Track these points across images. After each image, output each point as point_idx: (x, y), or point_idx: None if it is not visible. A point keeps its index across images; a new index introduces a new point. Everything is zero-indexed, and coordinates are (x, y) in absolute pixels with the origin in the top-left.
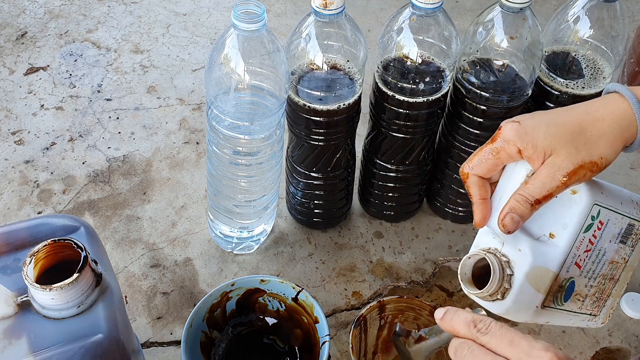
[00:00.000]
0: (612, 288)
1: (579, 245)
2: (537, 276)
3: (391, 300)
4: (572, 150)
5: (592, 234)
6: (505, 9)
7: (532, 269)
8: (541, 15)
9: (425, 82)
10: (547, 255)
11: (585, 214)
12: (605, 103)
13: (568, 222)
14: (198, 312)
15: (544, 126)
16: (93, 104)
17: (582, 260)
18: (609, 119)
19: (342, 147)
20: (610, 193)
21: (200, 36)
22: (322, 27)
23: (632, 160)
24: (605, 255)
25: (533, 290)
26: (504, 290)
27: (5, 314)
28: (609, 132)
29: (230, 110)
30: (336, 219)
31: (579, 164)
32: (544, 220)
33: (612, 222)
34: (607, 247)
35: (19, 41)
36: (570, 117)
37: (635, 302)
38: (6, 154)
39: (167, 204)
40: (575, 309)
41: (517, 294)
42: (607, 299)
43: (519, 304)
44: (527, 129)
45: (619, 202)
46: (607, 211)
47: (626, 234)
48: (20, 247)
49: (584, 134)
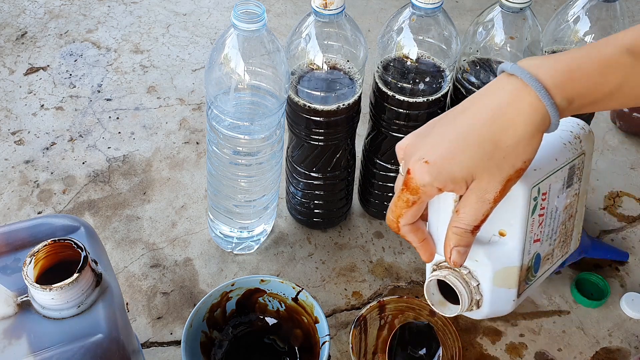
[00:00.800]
0: (573, 222)
1: (531, 228)
2: (504, 277)
3: (391, 300)
4: (493, 170)
5: (539, 211)
6: (505, 9)
7: (495, 274)
8: (541, 15)
9: (425, 82)
10: (504, 255)
11: (527, 202)
12: (511, 99)
13: (513, 219)
14: (198, 312)
15: (455, 157)
16: (93, 104)
17: (540, 234)
18: (521, 122)
19: (342, 147)
20: (541, 161)
21: (200, 36)
22: (322, 27)
23: (632, 161)
24: (558, 210)
25: (504, 289)
26: (477, 301)
27: (5, 314)
28: (524, 135)
29: (230, 110)
30: (336, 219)
31: (506, 179)
32: (488, 222)
33: (554, 183)
34: (558, 203)
35: (19, 41)
36: (478, 134)
37: (635, 302)
38: (6, 154)
39: (167, 204)
40: (547, 266)
41: (490, 299)
42: (572, 232)
43: (496, 306)
44: (439, 167)
45: (553, 162)
46: (545, 181)
47: (570, 178)
48: (20, 247)
49: (499, 148)
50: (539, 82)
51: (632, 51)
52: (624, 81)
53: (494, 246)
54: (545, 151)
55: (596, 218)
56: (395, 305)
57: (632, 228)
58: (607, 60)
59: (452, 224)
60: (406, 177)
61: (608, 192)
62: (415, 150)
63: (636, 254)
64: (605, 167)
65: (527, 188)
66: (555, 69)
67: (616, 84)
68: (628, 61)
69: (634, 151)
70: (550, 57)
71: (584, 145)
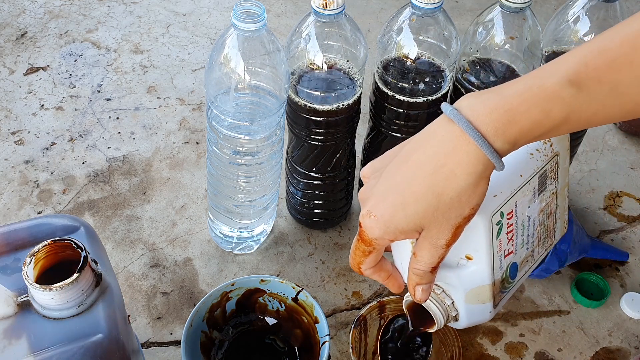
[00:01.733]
0: (555, 217)
1: (498, 249)
2: (476, 295)
3: (391, 300)
4: (440, 220)
5: (506, 229)
6: (505, 9)
7: (467, 293)
8: (541, 15)
9: (425, 82)
10: (474, 276)
11: (488, 229)
12: (450, 147)
13: (477, 245)
14: (198, 312)
15: (400, 210)
16: (93, 104)
17: (511, 247)
18: (461, 173)
19: (342, 147)
20: (503, 184)
21: (200, 36)
22: (322, 27)
23: (632, 161)
24: (531, 218)
25: (479, 304)
26: (454, 317)
27: (5, 314)
28: (467, 186)
29: (230, 110)
30: (336, 219)
31: (455, 227)
32: (454, 248)
33: (521, 198)
34: (530, 212)
35: (19, 41)
36: (421, 186)
37: (635, 302)
38: (6, 154)
39: (167, 204)
40: (528, 266)
41: (466, 314)
42: (555, 224)
43: (473, 319)
44: (386, 222)
45: (517, 180)
46: (509, 202)
47: (542, 184)
48: (20, 247)
49: (442, 201)
50: (476, 131)
51: (574, 82)
52: (569, 113)
53: (463, 269)
54: (507, 172)
55: (596, 218)
56: (395, 305)
57: (632, 228)
58: (549, 95)
59: (411, 266)
60: (359, 229)
61: (608, 192)
62: (366, 199)
63: (636, 254)
64: (605, 167)
65: (487, 217)
66: (494, 111)
67: (561, 117)
68: (571, 93)
69: (634, 151)
70: (490, 95)
71: (557, 146)
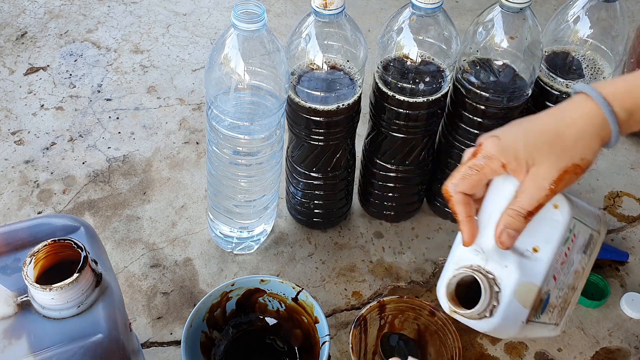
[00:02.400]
0: (572, 297)
1: (558, 258)
2: (524, 291)
3: (391, 300)
4: (553, 158)
5: (567, 247)
6: (505, 9)
7: (519, 285)
8: (541, 15)
9: (425, 82)
10: (532, 270)
11: (566, 228)
12: (576, 106)
13: (550, 237)
14: (198, 312)
15: (522, 138)
16: (93, 104)
17: (558, 273)
18: (581, 122)
19: (342, 147)
20: (580, 206)
21: (200, 36)
22: (322, 27)
23: (632, 161)
24: (572, 265)
25: (520, 305)
26: (492, 308)
27: (5, 314)
28: (584, 134)
29: (230, 110)
30: (336, 219)
31: (563, 170)
32: (526, 235)
33: (581, 234)
34: (575, 258)
35: (19, 41)
36: (545, 125)
37: (635, 302)
38: (6, 154)
39: (167, 204)
40: (546, 320)
41: (504, 310)
42: (567, 308)
43: (506, 321)
44: (507, 143)
45: (585, 215)
46: (580, 224)
47: (587, 245)
48: (20, 247)
49: (561, 139)
50: (599, 93)
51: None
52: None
53: (526, 259)
54: (581, 202)
55: None
56: (395, 305)
57: (632, 228)
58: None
59: (509, 207)
60: (477, 147)
61: (608, 192)
62: (490, 132)
63: (636, 254)
64: (605, 167)
65: (571, 214)
66: (616, 86)
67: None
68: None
69: (634, 151)
70: (614, 79)
71: (600, 228)
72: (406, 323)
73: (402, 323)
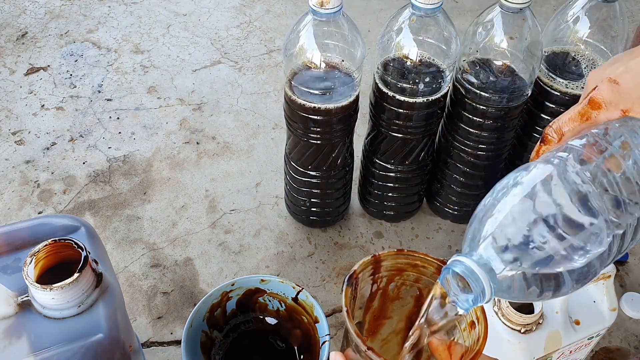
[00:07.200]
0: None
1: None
2: (552, 339)
3: (388, 255)
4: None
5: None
6: (505, 9)
7: (549, 333)
8: (541, 15)
9: (425, 82)
10: (567, 334)
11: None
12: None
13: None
14: (198, 311)
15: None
16: (93, 104)
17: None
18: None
19: (340, 146)
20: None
21: (201, 36)
22: (320, 26)
23: None
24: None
25: (543, 343)
26: (536, 325)
27: (6, 313)
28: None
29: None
30: (333, 217)
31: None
32: (575, 307)
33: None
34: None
35: (19, 41)
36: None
37: (635, 302)
38: (7, 154)
39: (168, 204)
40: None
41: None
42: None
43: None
44: (629, 89)
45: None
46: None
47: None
48: (20, 247)
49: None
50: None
51: None
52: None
53: (568, 325)
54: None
55: None
56: (392, 262)
57: None
58: None
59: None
60: (592, 91)
61: None
62: (603, 71)
63: (636, 254)
64: None
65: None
66: None
67: None
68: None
69: None
70: None
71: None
72: (403, 289)
73: (398, 289)
